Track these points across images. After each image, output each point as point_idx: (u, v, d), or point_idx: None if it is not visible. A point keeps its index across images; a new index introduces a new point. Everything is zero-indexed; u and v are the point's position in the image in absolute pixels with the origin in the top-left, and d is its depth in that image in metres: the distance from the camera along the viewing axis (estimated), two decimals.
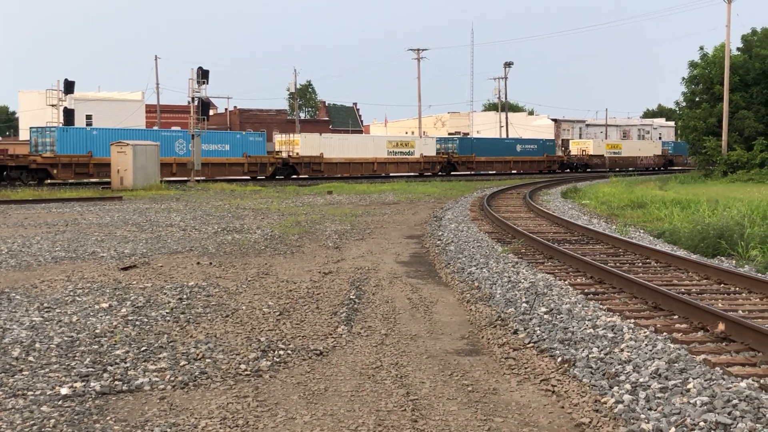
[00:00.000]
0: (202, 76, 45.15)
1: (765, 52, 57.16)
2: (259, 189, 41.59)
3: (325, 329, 9.32)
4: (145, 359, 7.79)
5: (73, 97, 55.03)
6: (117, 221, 22.28)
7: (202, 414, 6.38)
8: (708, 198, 27.28)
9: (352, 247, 17.08)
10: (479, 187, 45.36)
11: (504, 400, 6.81)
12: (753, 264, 13.89)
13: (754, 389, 6.33)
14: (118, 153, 40.20)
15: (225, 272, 13.32)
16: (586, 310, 9.59)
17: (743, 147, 55.67)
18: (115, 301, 10.52)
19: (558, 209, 26.87)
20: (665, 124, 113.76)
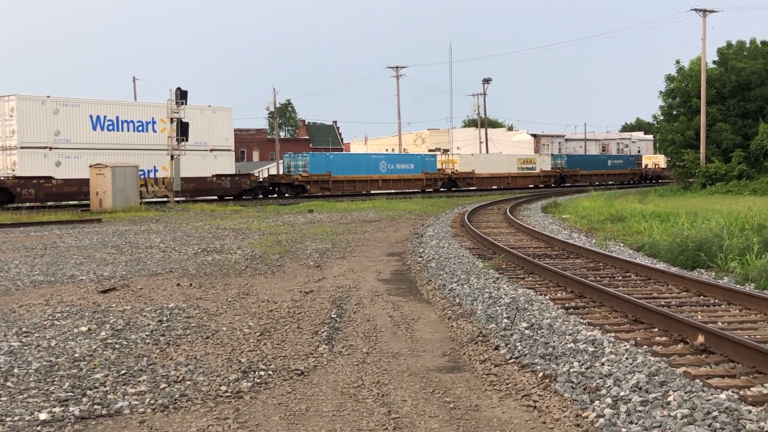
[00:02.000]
0: (180, 96, 45.00)
1: (741, 65, 57.74)
2: (240, 209, 41.49)
3: (306, 349, 9.29)
4: (125, 382, 7.73)
5: None
6: (96, 244, 22.16)
7: None
8: (687, 210, 27.45)
9: (333, 265, 17.06)
10: (460, 203, 45.46)
11: (486, 417, 6.81)
12: (732, 276, 13.98)
13: (734, 401, 6.35)
14: (97, 175, 39.98)
15: (205, 293, 13.27)
16: (566, 324, 9.62)
17: (721, 159, 56.15)
18: (94, 325, 10.45)
19: (538, 224, 26.95)
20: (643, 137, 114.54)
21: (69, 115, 43.21)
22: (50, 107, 42.61)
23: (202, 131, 48.83)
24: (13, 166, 41.26)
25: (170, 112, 45.00)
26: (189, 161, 47.18)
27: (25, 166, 41.24)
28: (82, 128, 43.72)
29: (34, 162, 41.63)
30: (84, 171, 41.90)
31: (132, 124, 46.34)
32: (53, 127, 42.43)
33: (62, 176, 42.50)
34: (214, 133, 50.17)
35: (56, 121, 42.71)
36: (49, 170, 42.18)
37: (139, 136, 46.46)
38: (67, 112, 43.24)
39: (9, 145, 41.36)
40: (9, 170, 41.14)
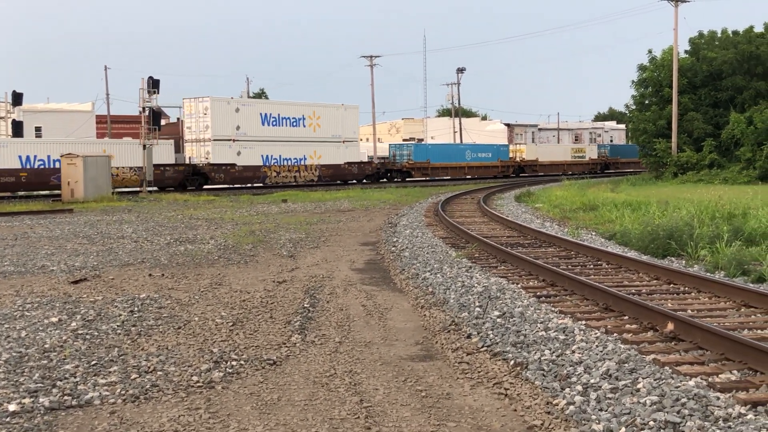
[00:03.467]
0: (152, 85, 44.72)
1: (712, 55, 58.08)
2: (213, 198, 41.31)
3: (278, 338, 9.28)
4: (96, 373, 7.69)
5: (21, 108, 54.23)
6: (67, 234, 21.99)
7: (153, 427, 6.31)
8: (658, 199, 27.65)
9: (307, 255, 17.04)
10: (434, 192, 45.50)
11: (457, 405, 6.84)
12: (702, 264, 14.11)
13: (702, 387, 6.43)
14: (68, 165, 39.65)
15: (177, 283, 13.21)
16: (538, 312, 9.67)
17: (692, 148, 56.51)
18: (65, 315, 10.37)
19: (511, 213, 27.06)
20: (616, 126, 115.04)
21: (246, 113, 52.79)
22: (233, 106, 52.22)
23: (336, 126, 58.46)
24: (206, 155, 50.98)
25: (142, 102, 44.73)
26: (327, 151, 57.74)
27: (216, 155, 51.13)
28: (254, 124, 53.25)
29: (222, 151, 51.40)
30: (257, 159, 53.50)
31: (288, 120, 55.57)
32: (235, 123, 51.95)
33: (242, 163, 52.52)
34: (345, 127, 59.23)
35: (237, 118, 52.14)
36: (233, 158, 52.02)
37: (294, 130, 55.84)
38: (244, 111, 52.85)
39: (203, 137, 50.93)
40: (203, 158, 51.02)
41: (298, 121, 56.25)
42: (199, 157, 51.24)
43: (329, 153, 58.00)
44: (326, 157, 57.71)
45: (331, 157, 58.31)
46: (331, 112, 58.37)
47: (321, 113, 57.41)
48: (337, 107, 59.46)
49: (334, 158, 58.53)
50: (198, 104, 51.32)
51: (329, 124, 57.49)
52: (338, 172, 59.22)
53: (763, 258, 13.12)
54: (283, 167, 55.47)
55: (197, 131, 51.15)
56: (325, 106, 58.12)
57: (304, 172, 56.59)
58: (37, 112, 66.38)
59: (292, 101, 57.95)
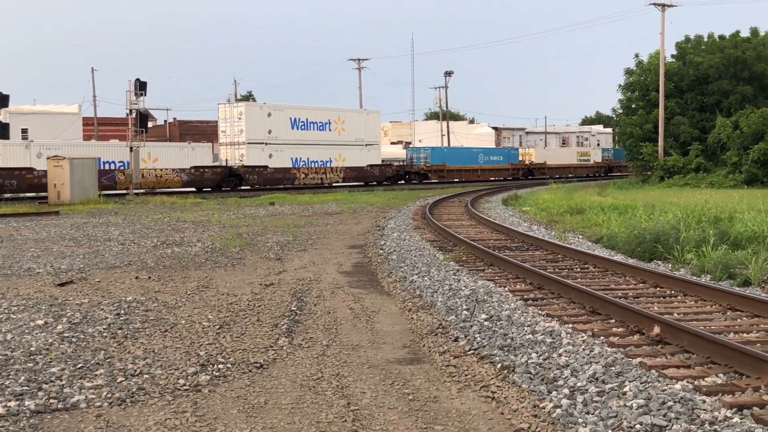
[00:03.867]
0: (139, 87, 44.61)
1: (698, 59, 58.33)
2: (200, 201, 41.21)
3: (265, 342, 9.26)
4: (82, 376, 7.66)
5: (8, 110, 54.03)
6: (54, 236, 21.90)
7: (140, 431, 6.29)
8: (645, 203, 27.74)
9: (294, 258, 17.02)
10: (422, 195, 45.53)
11: (444, 408, 6.84)
12: (688, 267, 14.16)
13: (688, 391, 6.44)
14: (54, 167, 39.50)
15: (164, 286, 13.17)
16: (525, 316, 9.69)
17: (679, 152, 56.75)
18: (51, 318, 10.33)
19: (499, 216, 27.09)
20: (603, 130, 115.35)
21: (277, 118, 55.47)
22: (265, 111, 55.14)
23: (359, 130, 61.60)
24: (241, 157, 53.64)
25: (129, 104, 44.62)
26: (351, 154, 60.70)
27: (250, 158, 53.82)
28: (284, 128, 56.00)
29: (255, 154, 54.15)
30: (287, 161, 56.33)
31: (316, 124, 58.45)
32: (267, 127, 54.73)
33: (273, 165, 55.23)
34: (367, 131, 62.39)
35: (269, 122, 54.95)
36: (265, 161, 54.71)
37: (320, 134, 58.67)
38: (275, 116, 55.45)
39: (238, 141, 53.58)
40: (238, 161, 53.59)
41: (325, 126, 59.25)
42: (233, 159, 53.85)
43: (353, 156, 61.08)
44: (350, 159, 60.83)
45: (355, 160, 61.31)
46: (354, 116, 61.97)
47: (345, 118, 60.69)
48: (360, 112, 63.91)
49: (357, 161, 61.51)
50: (233, 109, 54.28)
51: (353, 129, 60.91)
52: (361, 174, 62.18)
53: (748, 262, 13.17)
54: (310, 169, 58.37)
55: (231, 135, 53.98)
56: (349, 111, 62.03)
57: (330, 174, 59.70)
58: (23, 114, 66.07)
59: (319, 106, 60.66)
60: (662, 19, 57.39)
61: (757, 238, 16.08)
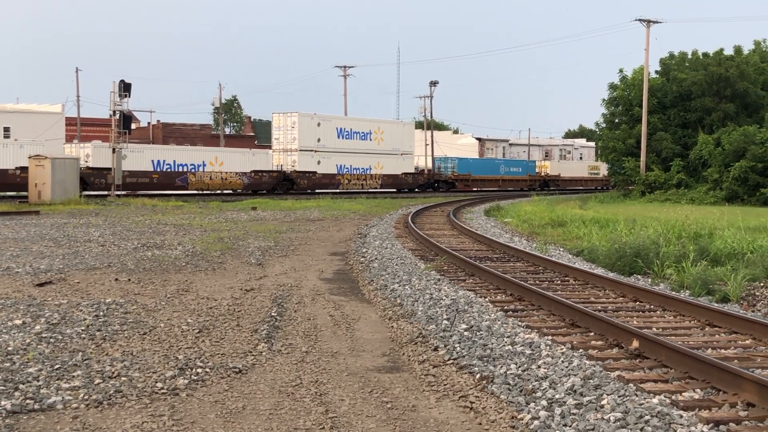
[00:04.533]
0: (124, 89, 44.49)
1: (682, 76, 58.76)
2: (182, 204, 41.09)
3: (245, 347, 9.24)
4: (59, 377, 7.61)
5: None
6: (33, 236, 21.77)
7: None
8: (626, 217, 27.85)
9: (276, 263, 16.98)
10: (404, 204, 45.56)
11: (423, 417, 6.84)
12: (668, 282, 14.24)
13: (666, 405, 6.48)
14: (36, 166, 39.31)
15: (144, 289, 13.11)
16: (505, 326, 9.71)
17: (661, 168, 57.11)
18: (29, 318, 10.26)
19: (481, 227, 27.14)
20: (586, 144, 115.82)
21: (325, 127, 60.47)
22: (315, 121, 59.94)
23: (395, 140, 66.63)
24: (293, 163, 58.67)
25: (113, 105, 44.46)
26: (388, 162, 65.82)
27: (301, 164, 58.83)
28: (331, 137, 61.06)
29: (305, 161, 59.12)
30: (333, 168, 61.26)
31: (358, 134, 63.62)
32: (316, 136, 59.68)
33: (321, 171, 60.28)
34: (403, 141, 67.32)
35: (318, 131, 59.88)
36: (314, 167, 59.68)
37: (362, 143, 63.74)
38: (324, 125, 60.46)
39: (291, 148, 58.57)
40: (290, 166, 58.63)
41: (366, 135, 64.28)
42: (286, 165, 58.64)
43: (390, 164, 66.10)
44: (387, 167, 65.93)
45: (392, 168, 66.40)
46: (392, 127, 67.39)
47: (384, 128, 66.02)
48: (396, 123, 69.75)
49: (393, 169, 66.59)
50: (287, 118, 58.98)
51: (390, 138, 65.96)
52: (396, 181, 67.18)
53: (727, 278, 13.26)
54: (353, 176, 63.36)
55: (285, 142, 58.84)
56: (387, 123, 67.94)
57: (369, 181, 64.76)
58: (6, 112, 65.61)
59: (361, 117, 66.83)
60: (647, 35, 57.82)
61: (737, 255, 16.18)
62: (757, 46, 62.56)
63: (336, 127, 61.88)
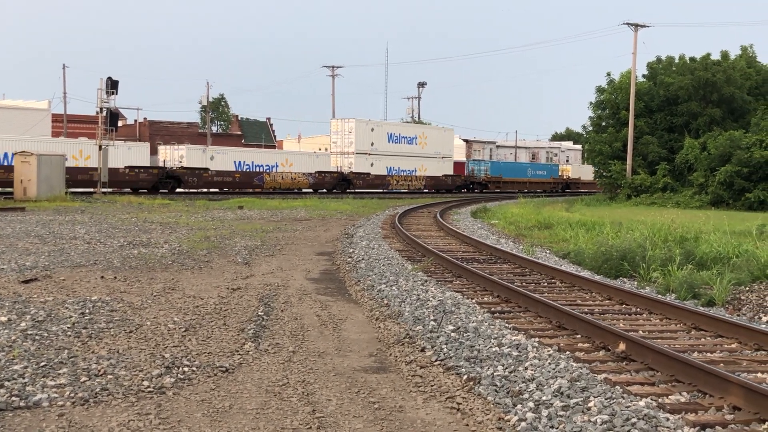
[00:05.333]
0: (111, 86, 44.34)
1: (669, 80, 59.00)
2: (168, 202, 40.96)
3: (231, 346, 9.21)
4: (45, 375, 7.57)
5: None
6: (19, 233, 21.66)
7: (102, 431, 6.23)
8: (612, 220, 27.92)
9: (262, 263, 16.95)
10: (391, 205, 45.55)
11: (409, 418, 6.84)
12: (654, 285, 14.28)
13: (652, 408, 6.50)
14: (22, 163, 39.14)
15: (130, 287, 13.06)
16: (492, 328, 9.72)
17: (647, 171, 57.34)
18: (14, 315, 10.20)
19: (468, 228, 27.16)
20: (572, 147, 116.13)
21: (377, 132, 66.83)
22: (369, 127, 66.27)
23: (437, 144, 72.41)
24: (350, 165, 64.74)
25: (100, 102, 44.32)
26: (430, 165, 71.60)
27: (357, 165, 64.96)
28: (383, 141, 67.16)
29: (360, 163, 65.27)
30: (384, 169, 67.30)
31: (406, 138, 69.87)
32: (370, 140, 65.78)
33: (374, 173, 66.58)
34: (444, 145, 73.16)
35: (372, 136, 66.10)
36: (368, 168, 66.01)
37: (409, 147, 69.81)
38: (377, 130, 66.78)
39: (348, 151, 64.53)
40: (347, 168, 64.64)
41: (412, 140, 70.30)
42: (343, 166, 64.47)
43: (432, 166, 71.77)
44: (430, 169, 71.69)
45: (434, 170, 72.01)
46: (434, 132, 73.67)
47: (428, 133, 72.55)
48: (438, 129, 75.14)
49: (435, 171, 72.17)
50: (344, 124, 65.20)
51: (433, 143, 71.75)
52: (438, 183, 72.69)
53: (713, 282, 13.30)
54: (401, 177, 69.26)
55: (342, 146, 64.54)
56: (430, 128, 75.00)
57: (414, 182, 70.53)
58: None
59: (409, 123, 74.59)
60: (635, 39, 58.04)
61: (722, 259, 16.25)
62: (743, 51, 62.87)
63: (387, 132, 68.01)
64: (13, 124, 61.07)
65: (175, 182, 54.21)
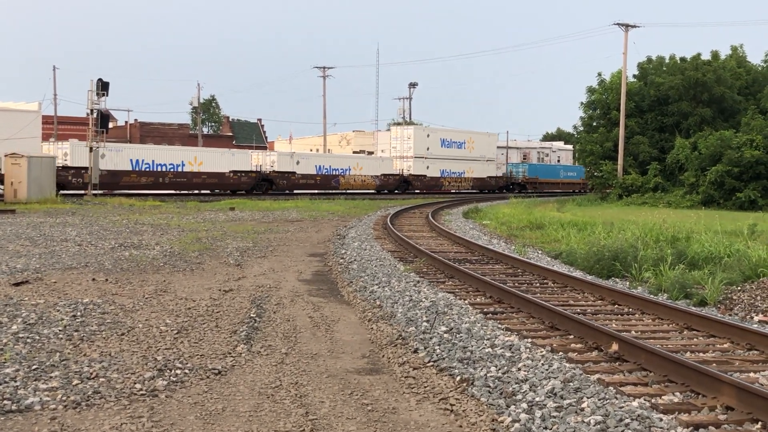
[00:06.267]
0: (101, 87, 44.20)
1: (660, 80, 59.13)
2: (159, 204, 40.88)
3: (224, 348, 9.19)
4: (36, 378, 7.53)
5: None
6: (9, 235, 21.58)
7: None
8: (604, 220, 27.97)
9: (254, 264, 16.92)
10: (383, 206, 45.55)
11: (403, 420, 6.82)
12: (646, 285, 14.30)
13: (645, 408, 6.50)
14: (12, 165, 39.00)
15: (121, 289, 13.02)
16: (485, 329, 9.72)
17: (638, 171, 57.45)
18: (5, 318, 10.15)
19: (459, 229, 27.17)
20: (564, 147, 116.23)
21: (432, 138, 73.23)
22: (425, 133, 73.54)
23: (482, 148, 78.30)
24: (409, 168, 71.07)
25: (90, 103, 44.20)
26: (476, 167, 77.51)
27: (415, 168, 71.30)
28: (437, 146, 73.48)
29: (418, 166, 71.46)
30: (437, 172, 73.33)
31: (456, 143, 75.80)
32: (426, 145, 72.11)
33: (430, 175, 72.65)
34: (488, 149, 79.09)
35: (427, 141, 72.46)
36: (424, 171, 72.11)
37: (458, 151, 75.99)
38: (432, 136, 73.30)
39: (407, 155, 71.02)
40: (407, 171, 70.76)
41: (462, 144, 76.36)
42: (403, 169, 70.66)
43: (478, 168, 77.61)
44: (476, 171, 77.60)
45: (479, 172, 77.88)
46: (480, 137, 78.79)
47: (474, 138, 77.88)
48: (483, 134, 79.86)
49: (480, 173, 78.06)
50: (403, 131, 73.17)
51: (479, 147, 77.54)
52: (483, 184, 78.52)
53: (705, 282, 13.33)
54: (452, 179, 75.08)
55: (401, 150, 71.20)
56: (477, 133, 79.28)
57: (463, 183, 76.57)
58: None
59: (459, 129, 78.74)
60: (625, 39, 58.14)
61: (714, 258, 16.29)
62: (734, 51, 63.06)
63: (440, 137, 73.87)
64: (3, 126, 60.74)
65: (268, 184, 60.78)
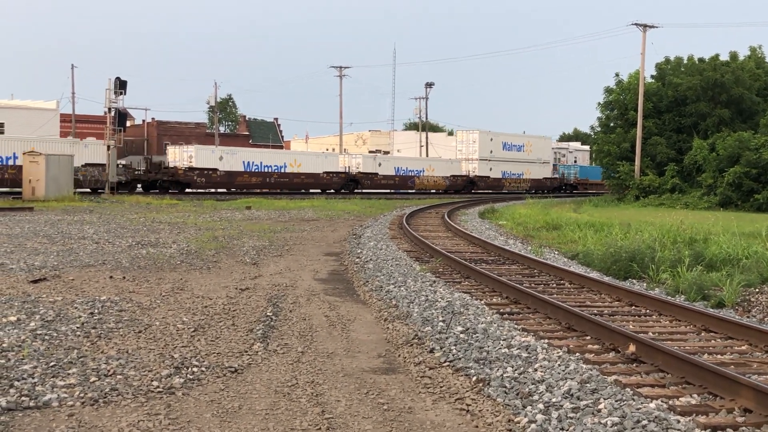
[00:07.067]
0: (119, 86, 44.45)
1: (677, 81, 58.84)
2: (176, 203, 41.02)
3: (240, 346, 9.21)
4: (54, 375, 7.57)
5: None
6: (27, 232, 21.71)
7: None
8: (620, 221, 27.85)
9: (270, 263, 16.95)
10: (398, 206, 45.53)
11: (419, 419, 6.82)
12: (663, 287, 14.24)
13: (662, 410, 6.47)
14: (30, 163, 39.23)
15: (138, 287, 13.08)
16: (501, 329, 9.70)
17: (655, 172, 57.19)
18: (23, 315, 10.22)
19: (475, 229, 27.12)
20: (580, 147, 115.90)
21: (495, 142, 76.33)
22: (488, 137, 76.04)
23: (539, 150, 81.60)
24: (474, 170, 74.46)
25: (108, 102, 44.41)
26: (533, 169, 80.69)
27: (480, 170, 74.61)
28: (499, 149, 76.73)
29: (483, 167, 74.73)
30: (499, 173, 76.85)
31: (516, 146, 79.01)
32: (489, 149, 75.41)
33: (492, 176, 76.01)
34: (544, 152, 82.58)
35: (491, 144, 75.72)
36: (487, 172, 75.40)
37: (518, 154, 79.26)
38: (495, 140, 76.34)
39: (472, 158, 74.52)
40: (472, 172, 74.47)
41: (520, 148, 79.77)
42: (469, 171, 74.48)
43: (535, 170, 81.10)
44: (533, 173, 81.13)
45: (536, 173, 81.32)
46: (537, 141, 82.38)
47: (531, 142, 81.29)
48: (540, 138, 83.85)
49: (537, 174, 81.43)
50: (469, 135, 75.99)
51: (536, 150, 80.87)
52: (540, 184, 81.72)
53: (722, 284, 13.26)
54: (512, 180, 78.59)
55: (467, 153, 74.84)
56: (533, 137, 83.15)
57: (522, 184, 79.67)
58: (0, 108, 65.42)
59: (518, 134, 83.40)
60: (643, 40, 57.90)
61: (732, 260, 16.20)
62: (752, 52, 62.68)
63: (502, 141, 77.21)
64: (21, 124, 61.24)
65: (355, 184, 66.09)
